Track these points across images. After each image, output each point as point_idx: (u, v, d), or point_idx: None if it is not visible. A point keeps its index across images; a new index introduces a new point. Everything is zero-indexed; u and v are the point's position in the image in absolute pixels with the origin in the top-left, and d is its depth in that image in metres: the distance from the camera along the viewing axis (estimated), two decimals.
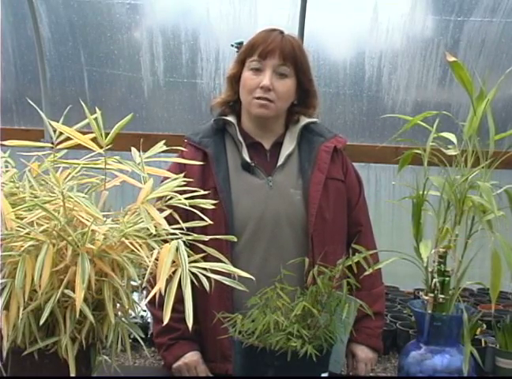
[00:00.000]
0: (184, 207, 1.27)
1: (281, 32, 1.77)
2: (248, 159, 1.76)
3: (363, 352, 1.79)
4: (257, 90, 1.72)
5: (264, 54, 1.71)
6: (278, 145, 1.81)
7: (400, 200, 1.48)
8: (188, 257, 1.12)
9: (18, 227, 1.12)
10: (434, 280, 1.35)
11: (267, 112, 1.74)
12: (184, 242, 1.15)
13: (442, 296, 1.34)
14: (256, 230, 1.71)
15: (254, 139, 1.80)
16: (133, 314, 1.26)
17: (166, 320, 1.05)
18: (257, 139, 1.80)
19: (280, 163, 1.78)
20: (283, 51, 1.72)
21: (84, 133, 1.25)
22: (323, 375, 1.29)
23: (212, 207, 1.35)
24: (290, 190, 1.75)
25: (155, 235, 1.17)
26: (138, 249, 1.14)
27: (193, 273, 1.11)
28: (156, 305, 1.08)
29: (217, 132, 1.81)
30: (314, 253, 1.69)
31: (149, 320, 3.87)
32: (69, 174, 1.28)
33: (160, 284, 1.05)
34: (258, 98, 1.72)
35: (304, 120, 1.82)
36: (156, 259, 1.11)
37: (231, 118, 1.79)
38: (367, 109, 4.36)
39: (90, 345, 1.19)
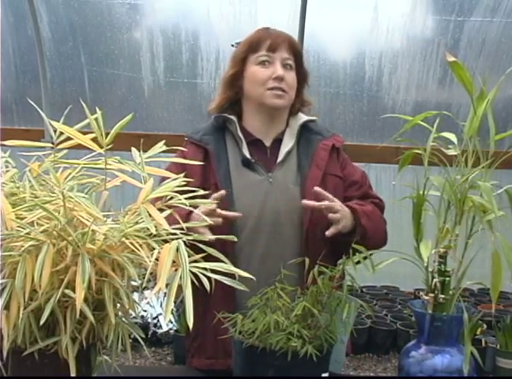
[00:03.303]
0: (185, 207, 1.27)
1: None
2: (248, 156, 1.79)
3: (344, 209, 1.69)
4: (269, 81, 1.77)
5: (273, 48, 1.78)
6: (278, 142, 1.84)
7: (401, 200, 1.47)
8: (188, 256, 1.12)
9: (18, 227, 1.12)
10: (434, 280, 1.35)
11: (282, 102, 1.79)
12: (184, 241, 1.15)
13: (443, 296, 1.34)
14: (256, 226, 1.73)
15: (254, 136, 1.83)
16: (134, 314, 1.26)
17: (167, 319, 1.05)
18: (257, 136, 1.83)
19: (279, 159, 1.80)
20: (290, 44, 1.80)
21: (84, 133, 1.25)
22: (323, 375, 1.29)
23: (212, 207, 1.35)
24: (289, 186, 1.77)
25: (155, 235, 1.17)
26: (138, 249, 1.14)
27: (193, 273, 1.11)
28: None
29: (218, 129, 1.83)
30: (309, 248, 1.70)
31: (149, 320, 3.88)
32: (70, 174, 1.28)
33: (161, 284, 1.05)
34: (272, 88, 1.76)
35: (303, 117, 1.86)
36: (157, 259, 1.11)
37: (231, 116, 1.83)
38: (368, 109, 4.36)
39: (90, 345, 1.19)
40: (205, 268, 1.14)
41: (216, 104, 1.86)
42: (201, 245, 1.26)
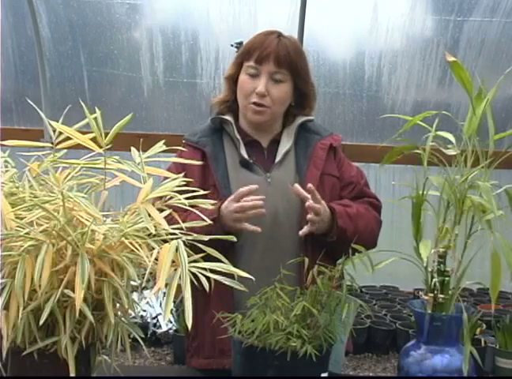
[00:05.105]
0: (184, 207, 1.26)
1: (279, 35, 1.77)
2: (246, 156, 1.79)
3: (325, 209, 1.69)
4: (252, 95, 1.75)
5: (259, 60, 1.74)
6: (275, 143, 1.84)
7: (400, 199, 1.48)
8: (188, 256, 1.12)
9: (18, 226, 1.12)
10: (433, 280, 1.35)
11: (262, 118, 1.78)
12: (184, 241, 1.15)
13: (442, 296, 1.34)
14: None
15: (251, 137, 1.83)
16: (133, 314, 1.26)
17: (166, 319, 1.05)
18: (254, 137, 1.84)
19: (277, 159, 1.80)
20: (278, 57, 1.73)
21: (83, 133, 1.25)
22: (323, 375, 1.29)
23: (212, 207, 1.35)
24: (288, 186, 1.76)
25: (154, 235, 1.17)
26: (138, 249, 1.14)
27: (193, 273, 1.11)
28: None
29: (215, 131, 1.84)
30: (308, 248, 1.70)
31: (149, 319, 3.88)
32: (69, 173, 1.28)
33: (160, 284, 1.05)
34: (254, 103, 1.75)
35: (301, 118, 1.84)
36: (156, 259, 1.11)
37: (228, 117, 1.82)
38: (367, 109, 4.36)
39: (90, 345, 1.19)
40: (205, 268, 1.14)
41: (218, 100, 1.87)
42: (200, 245, 1.26)
